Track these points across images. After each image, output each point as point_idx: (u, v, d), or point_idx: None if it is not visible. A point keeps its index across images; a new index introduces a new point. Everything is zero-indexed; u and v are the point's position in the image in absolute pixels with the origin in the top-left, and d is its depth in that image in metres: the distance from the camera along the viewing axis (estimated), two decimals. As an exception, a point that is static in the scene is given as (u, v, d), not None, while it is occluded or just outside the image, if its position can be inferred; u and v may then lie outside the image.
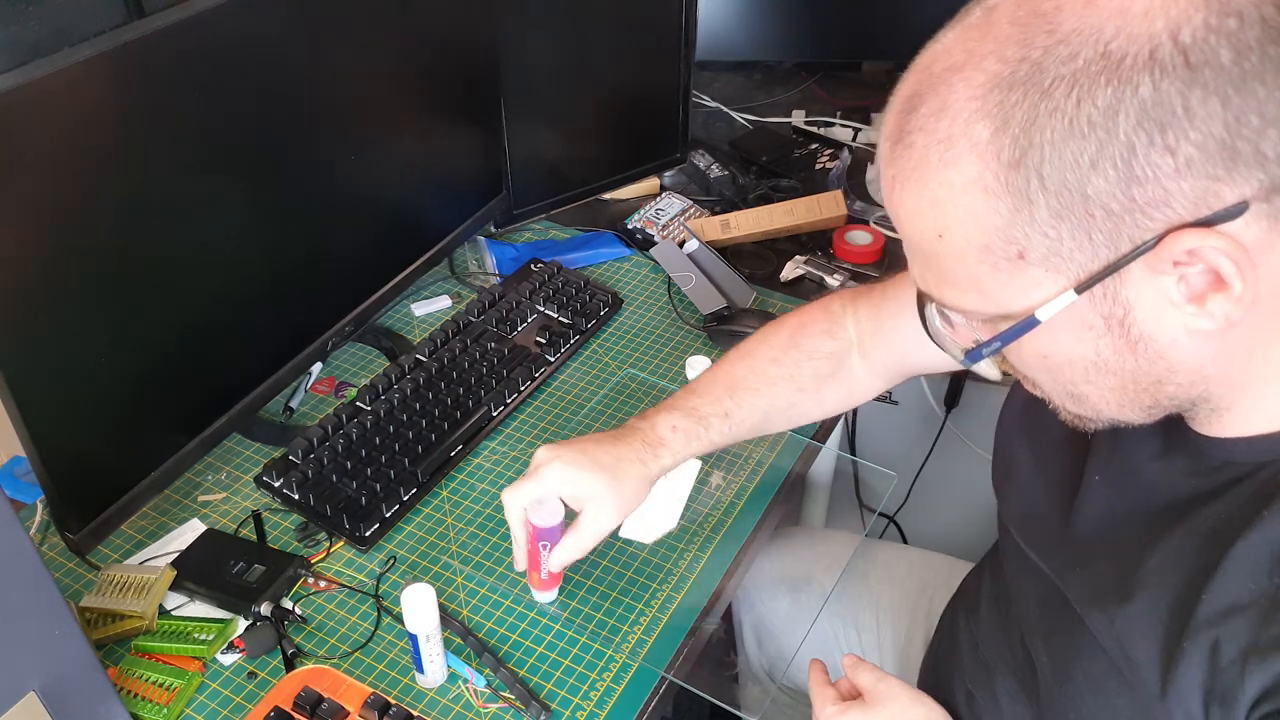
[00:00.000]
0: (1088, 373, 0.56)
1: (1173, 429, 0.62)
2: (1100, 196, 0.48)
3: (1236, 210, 0.47)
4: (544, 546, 0.87)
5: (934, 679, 0.94)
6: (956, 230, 0.52)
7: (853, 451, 1.63)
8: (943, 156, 0.51)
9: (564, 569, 0.90)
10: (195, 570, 0.94)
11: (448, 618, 0.90)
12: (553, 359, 1.20)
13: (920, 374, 0.97)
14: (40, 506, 1.00)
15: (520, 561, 0.90)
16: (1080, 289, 0.51)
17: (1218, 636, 0.56)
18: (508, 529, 1.00)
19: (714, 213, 1.45)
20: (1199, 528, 0.59)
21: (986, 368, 0.62)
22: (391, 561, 0.98)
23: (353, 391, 1.16)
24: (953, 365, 0.86)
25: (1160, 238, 0.48)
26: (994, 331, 0.56)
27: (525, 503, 0.85)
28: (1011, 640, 0.80)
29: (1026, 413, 0.78)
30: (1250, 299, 0.49)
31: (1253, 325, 0.52)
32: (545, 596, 0.93)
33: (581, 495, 0.85)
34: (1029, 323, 0.53)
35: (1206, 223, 0.47)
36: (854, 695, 0.81)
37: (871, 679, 0.79)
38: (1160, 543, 0.61)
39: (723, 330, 1.23)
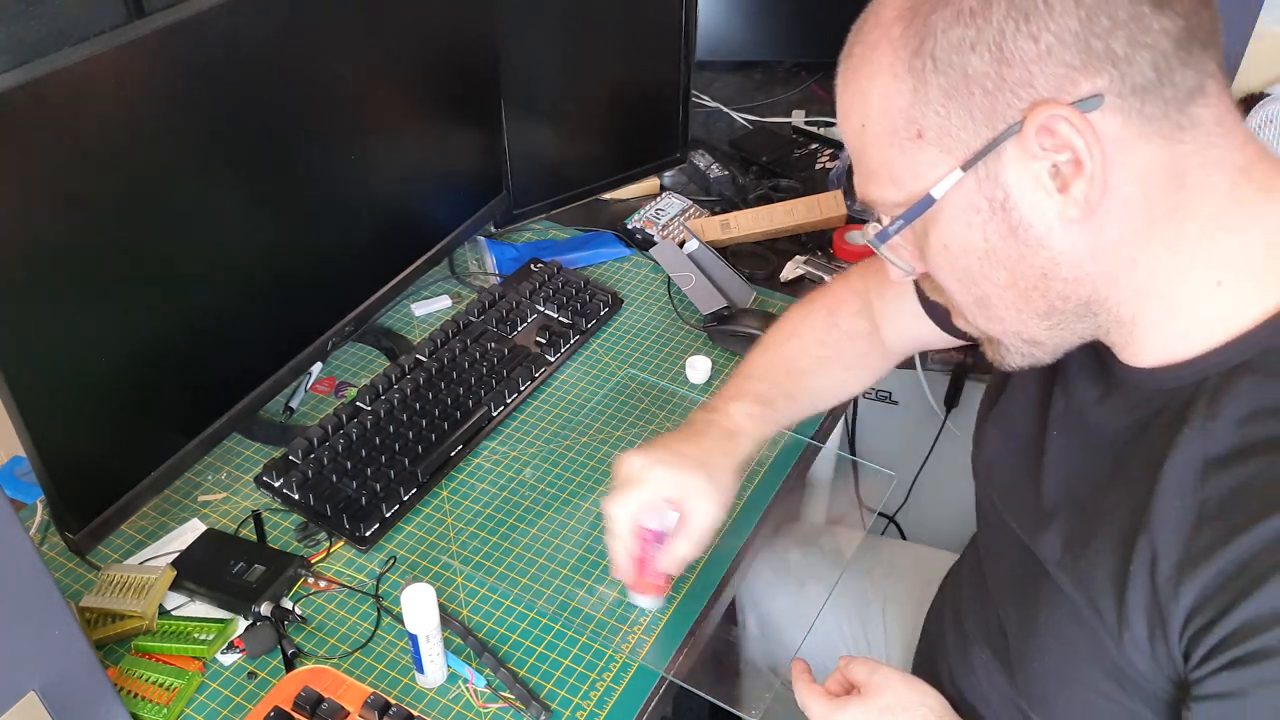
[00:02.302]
0: (982, 265, 0.61)
1: (1109, 371, 0.67)
2: (978, 76, 0.55)
3: (1093, 102, 0.54)
4: (656, 550, 0.85)
5: (924, 661, 0.96)
6: (874, 116, 0.60)
7: (853, 451, 1.63)
8: (868, 57, 0.60)
9: (678, 571, 0.89)
10: (195, 570, 0.94)
11: (448, 618, 0.90)
12: (553, 359, 1.20)
13: (928, 348, 1.02)
14: (40, 506, 1.00)
15: (626, 572, 0.87)
16: (966, 166, 0.58)
17: (1154, 557, 0.60)
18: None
19: (714, 213, 1.45)
20: (1137, 460, 0.62)
21: (898, 268, 0.68)
22: (391, 561, 0.98)
23: (353, 391, 1.16)
24: (950, 341, 0.91)
25: (1025, 117, 0.55)
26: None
27: (634, 511, 0.84)
28: (987, 612, 0.81)
29: (995, 392, 0.83)
30: (1103, 181, 0.55)
31: (1124, 227, 0.57)
32: (654, 602, 0.92)
33: (684, 493, 0.84)
34: (926, 201, 0.60)
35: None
36: (847, 691, 0.81)
37: (865, 671, 0.80)
38: (1110, 482, 0.65)
39: (723, 330, 1.23)
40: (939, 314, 0.91)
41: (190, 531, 1.00)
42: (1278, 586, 0.54)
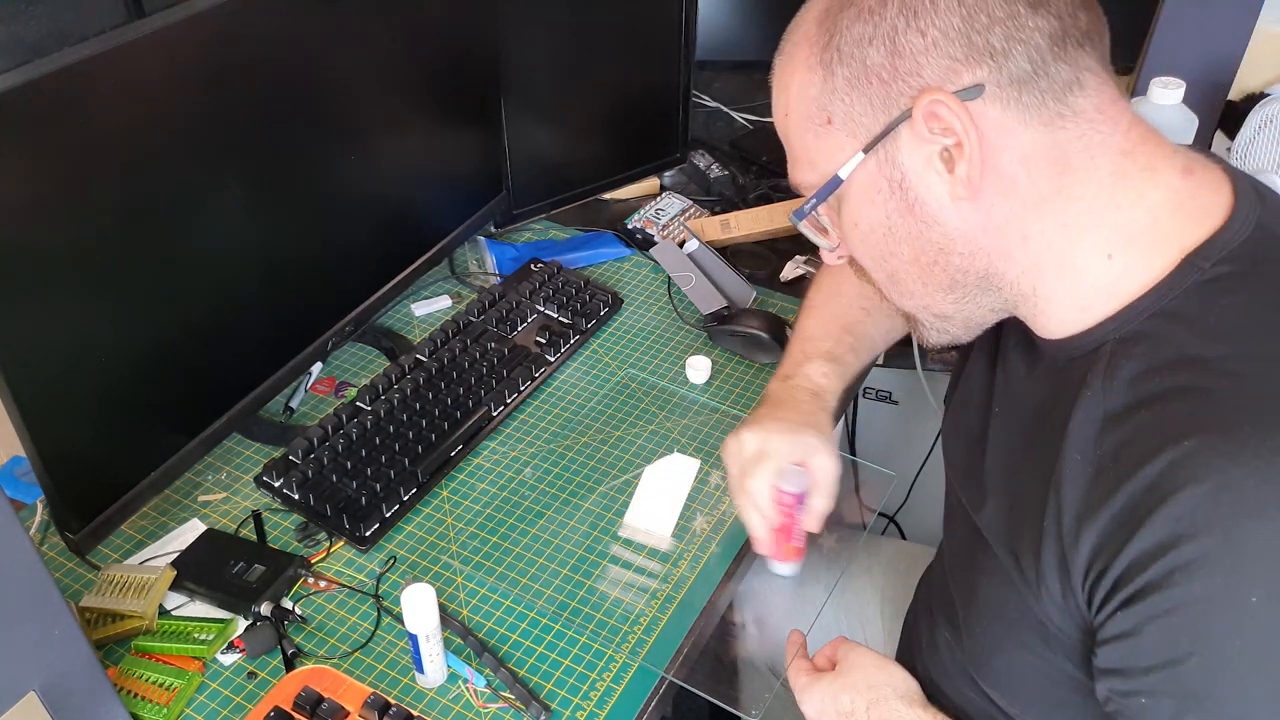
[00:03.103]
0: (887, 241, 0.67)
1: (1033, 349, 0.71)
2: (875, 67, 0.61)
3: (974, 91, 0.59)
4: (798, 512, 0.89)
5: (904, 648, 0.99)
6: (793, 105, 0.67)
7: (853, 451, 1.63)
8: (791, 53, 0.67)
9: (821, 527, 0.92)
10: (195, 570, 0.94)
11: (448, 618, 0.90)
12: (553, 359, 1.20)
13: None
14: (40, 506, 1.00)
15: (767, 544, 0.91)
16: (867, 149, 0.63)
17: (1060, 511, 0.63)
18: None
19: (714, 213, 1.45)
20: (1048, 425, 0.66)
21: (828, 250, 0.74)
22: (391, 561, 0.98)
23: (353, 391, 1.16)
24: None
25: (914, 103, 0.61)
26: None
27: (772, 479, 0.87)
28: (947, 591, 0.84)
29: (955, 377, 0.89)
30: (980, 161, 0.60)
31: (1012, 204, 0.62)
32: (794, 569, 0.96)
33: (806, 453, 0.88)
34: (834, 181, 0.66)
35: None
36: (829, 667, 0.86)
37: (843, 649, 0.86)
38: (1029, 449, 0.69)
39: (723, 330, 1.23)
40: None
41: (190, 531, 1.00)
42: (1158, 521, 0.56)
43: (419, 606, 0.82)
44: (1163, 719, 0.59)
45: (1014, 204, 0.62)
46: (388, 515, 1.00)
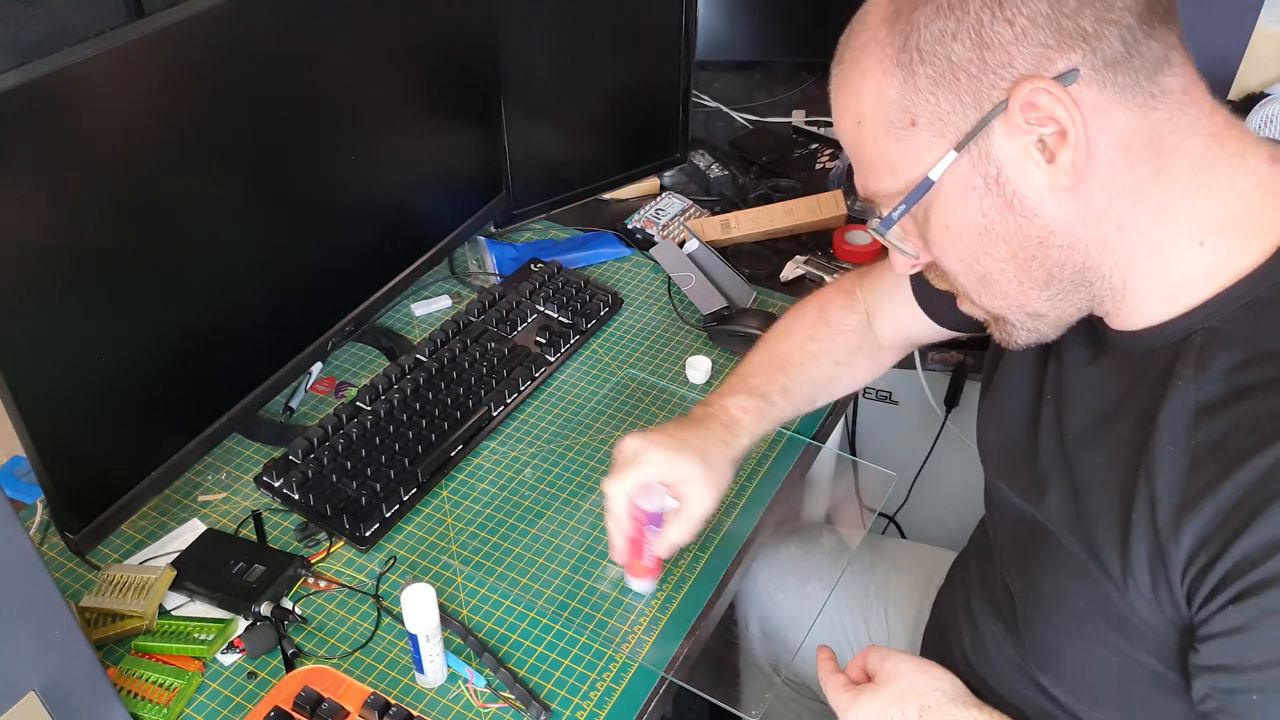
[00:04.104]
0: (982, 241, 0.65)
1: (1098, 338, 0.70)
2: (962, 63, 0.60)
3: (1070, 76, 0.58)
4: (651, 532, 0.87)
5: (934, 644, 0.97)
6: (868, 112, 0.65)
7: (853, 451, 1.63)
8: (858, 59, 0.65)
9: (671, 555, 0.91)
10: (195, 570, 0.94)
11: (448, 618, 0.90)
12: (553, 359, 1.20)
13: (921, 344, 1.05)
14: (40, 506, 1.00)
15: (621, 553, 0.90)
16: (959, 147, 0.61)
17: (1153, 503, 0.62)
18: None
19: (714, 213, 1.45)
20: (1131, 414, 0.65)
21: (904, 256, 0.71)
22: (391, 561, 0.98)
23: (353, 391, 1.16)
24: (944, 335, 0.95)
25: (1010, 95, 0.59)
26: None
27: (630, 490, 0.86)
28: (992, 583, 0.83)
29: (989, 377, 0.86)
30: (1086, 147, 0.59)
31: (1110, 191, 0.61)
32: (647, 586, 0.94)
33: (680, 478, 0.86)
34: (925, 184, 0.64)
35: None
36: (864, 679, 0.82)
37: (878, 658, 0.82)
38: (1103, 440, 0.68)
39: (723, 330, 1.23)
40: (933, 306, 0.94)
41: (190, 531, 1.00)
42: (1273, 517, 0.56)
43: (419, 606, 0.82)
44: (1274, 716, 0.58)
45: (1111, 190, 0.61)
46: (388, 515, 1.00)
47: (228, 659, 0.89)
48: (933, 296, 0.93)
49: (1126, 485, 0.64)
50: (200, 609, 0.92)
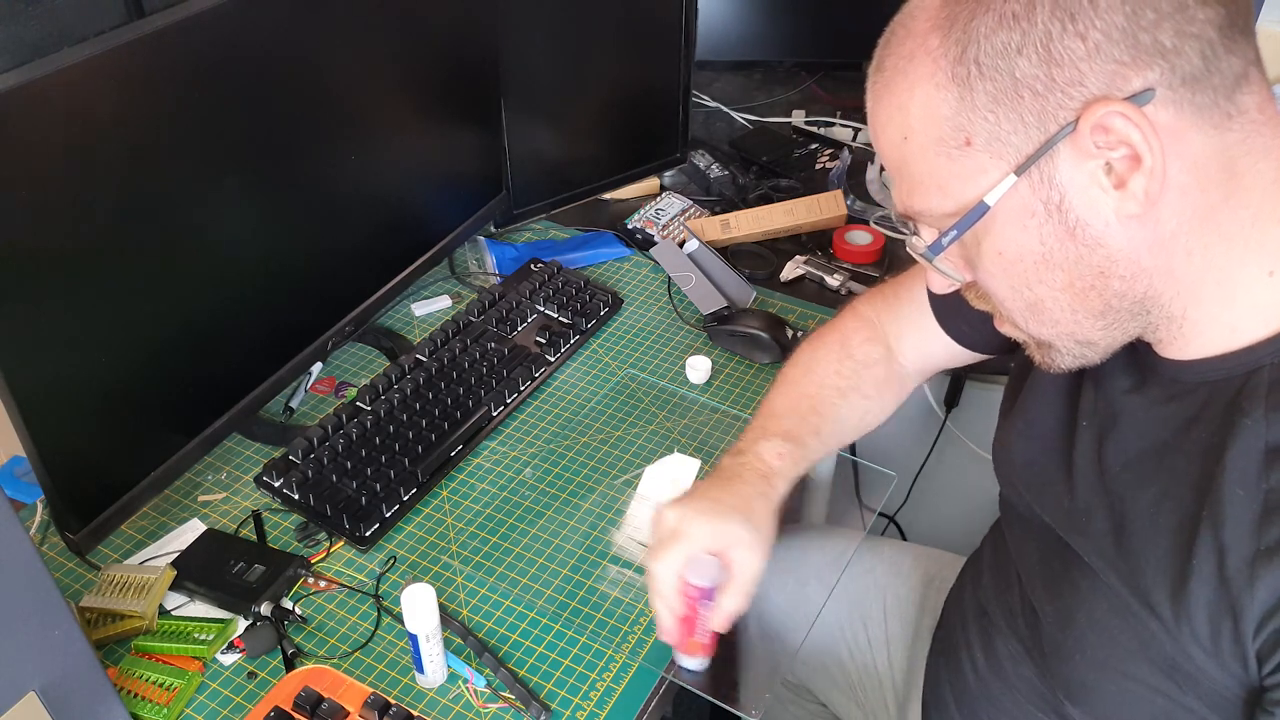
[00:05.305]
0: (1038, 269, 0.60)
1: (1144, 363, 0.66)
2: (1026, 79, 0.55)
3: (1146, 96, 0.53)
4: (704, 607, 0.81)
5: (943, 648, 0.95)
6: (917, 128, 0.60)
7: (853, 451, 1.62)
8: (904, 69, 0.59)
9: (728, 629, 0.84)
10: (195, 570, 0.94)
11: (448, 618, 0.90)
12: (553, 359, 1.20)
13: (948, 367, 1.00)
14: (40, 506, 1.00)
15: (672, 634, 0.84)
16: (1019, 170, 0.57)
17: (1221, 550, 0.58)
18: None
19: (714, 213, 1.45)
20: (1188, 450, 0.61)
21: (943, 276, 0.67)
22: (391, 561, 0.98)
23: (353, 391, 1.16)
24: (969, 358, 0.91)
25: (1079, 116, 0.54)
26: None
27: (679, 567, 0.80)
28: (1012, 601, 0.80)
29: (1014, 388, 0.82)
30: (1162, 174, 0.54)
31: (1180, 218, 0.57)
32: (702, 662, 0.87)
33: (727, 544, 0.81)
34: (980, 209, 0.59)
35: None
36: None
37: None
38: (1155, 473, 0.64)
39: (723, 330, 1.23)
40: (959, 331, 0.90)
41: (190, 531, 1.00)
42: None
43: (419, 606, 0.82)
44: None
45: (1182, 217, 0.57)
46: (388, 515, 1.00)
47: (228, 659, 0.89)
48: (958, 321, 0.89)
49: (1185, 527, 0.60)
50: (200, 609, 0.92)
